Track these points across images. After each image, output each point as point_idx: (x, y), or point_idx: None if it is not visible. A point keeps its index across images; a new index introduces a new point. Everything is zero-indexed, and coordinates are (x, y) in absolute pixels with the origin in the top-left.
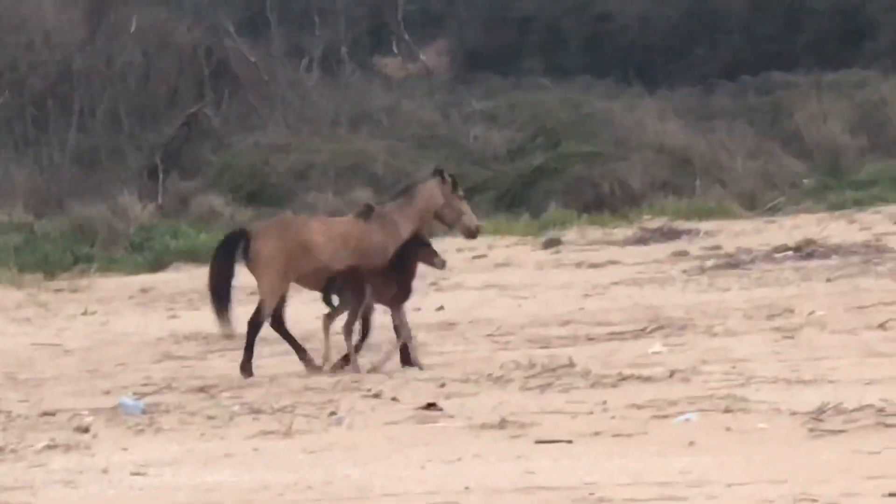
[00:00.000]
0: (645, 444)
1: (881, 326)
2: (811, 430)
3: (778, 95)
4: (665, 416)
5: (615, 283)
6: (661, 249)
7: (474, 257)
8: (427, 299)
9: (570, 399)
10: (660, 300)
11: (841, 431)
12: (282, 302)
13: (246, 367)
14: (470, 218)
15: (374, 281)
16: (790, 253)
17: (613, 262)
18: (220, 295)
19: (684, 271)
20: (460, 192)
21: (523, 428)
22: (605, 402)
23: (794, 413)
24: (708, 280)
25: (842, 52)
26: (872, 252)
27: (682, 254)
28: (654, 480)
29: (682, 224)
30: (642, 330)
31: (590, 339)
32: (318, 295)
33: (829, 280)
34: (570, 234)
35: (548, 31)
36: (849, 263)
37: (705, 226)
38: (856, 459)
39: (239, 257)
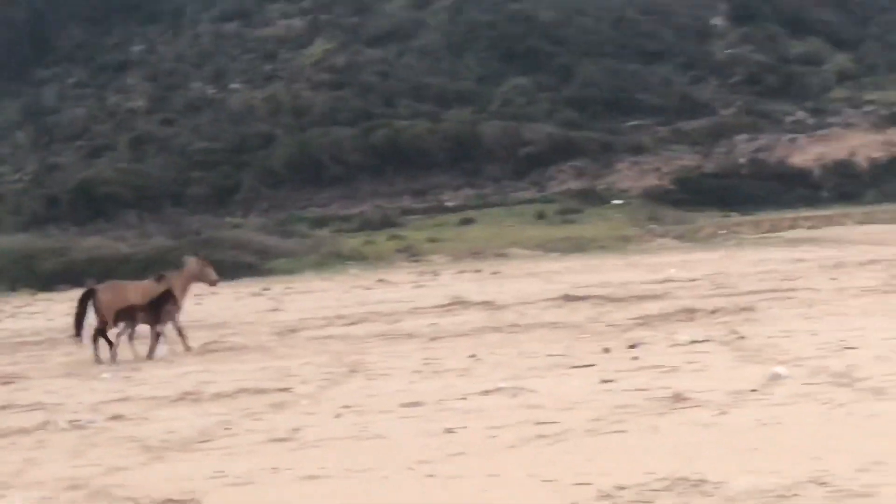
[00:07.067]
0: None
1: None
2: None
3: None
4: None
5: None
6: None
7: None
8: None
9: None
10: None
11: None
12: (105, 325)
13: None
14: (213, 274)
15: (144, 312)
16: None
17: None
18: (78, 322)
19: None
20: (207, 261)
21: None
22: None
23: None
24: None
25: None
26: None
27: None
28: None
29: None
30: None
31: None
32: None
33: None
34: None
35: None
36: None
37: None
38: None
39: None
